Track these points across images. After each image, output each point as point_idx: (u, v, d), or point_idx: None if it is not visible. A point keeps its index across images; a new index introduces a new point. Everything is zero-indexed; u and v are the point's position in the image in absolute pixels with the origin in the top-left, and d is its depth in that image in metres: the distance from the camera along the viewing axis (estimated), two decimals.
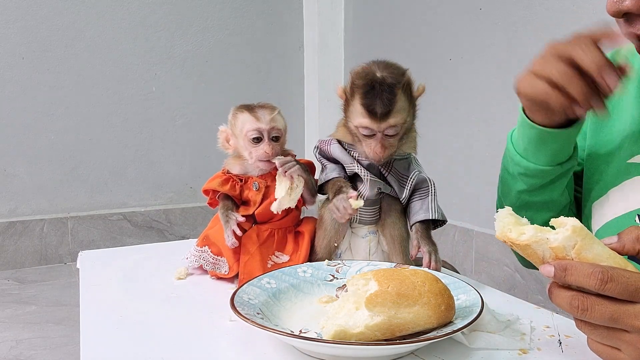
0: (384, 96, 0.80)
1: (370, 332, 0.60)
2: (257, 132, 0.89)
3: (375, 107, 0.81)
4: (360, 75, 0.83)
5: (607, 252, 0.56)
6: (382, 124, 0.82)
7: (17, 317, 2.27)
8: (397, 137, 0.84)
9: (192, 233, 3.13)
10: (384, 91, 0.80)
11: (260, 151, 0.89)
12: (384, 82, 0.81)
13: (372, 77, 0.82)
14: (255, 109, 0.92)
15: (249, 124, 0.90)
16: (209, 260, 0.92)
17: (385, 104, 0.80)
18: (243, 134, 0.90)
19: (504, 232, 0.59)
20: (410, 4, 2.72)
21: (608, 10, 0.66)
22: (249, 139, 0.90)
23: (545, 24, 2.02)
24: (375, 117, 0.81)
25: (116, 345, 0.69)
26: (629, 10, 0.64)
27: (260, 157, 0.90)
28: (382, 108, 0.80)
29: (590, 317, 0.54)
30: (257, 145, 0.90)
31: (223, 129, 0.94)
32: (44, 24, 2.86)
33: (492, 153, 2.29)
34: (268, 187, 0.90)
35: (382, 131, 0.82)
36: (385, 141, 0.83)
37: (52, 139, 2.94)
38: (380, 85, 0.81)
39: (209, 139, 0.97)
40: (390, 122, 0.82)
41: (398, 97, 0.82)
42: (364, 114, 0.82)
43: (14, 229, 2.86)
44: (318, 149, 0.93)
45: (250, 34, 3.26)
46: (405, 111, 0.83)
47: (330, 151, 0.90)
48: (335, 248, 0.92)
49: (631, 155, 0.80)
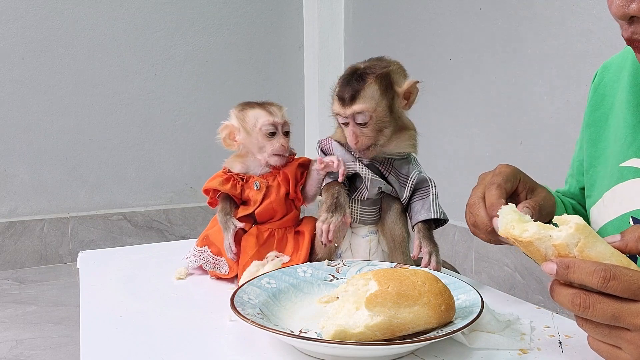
0: (352, 83, 0.84)
1: (370, 332, 0.60)
2: (273, 126, 0.90)
3: (343, 92, 0.84)
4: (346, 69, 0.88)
5: (610, 250, 0.56)
6: (347, 110, 0.84)
7: (17, 317, 2.27)
8: (370, 126, 0.85)
9: (192, 233, 3.13)
10: (354, 79, 0.84)
11: (277, 144, 0.90)
12: (357, 70, 0.85)
13: (352, 68, 0.86)
14: (265, 105, 0.92)
15: (263, 118, 0.90)
16: (209, 260, 0.92)
17: (351, 89, 0.83)
18: (257, 128, 0.90)
19: (506, 229, 0.59)
20: (410, 4, 2.72)
21: (614, 13, 0.66)
22: (265, 133, 0.90)
23: (545, 24, 2.02)
24: (343, 102, 0.84)
25: (116, 345, 0.69)
26: (635, 14, 0.64)
27: (276, 150, 0.90)
28: (348, 93, 0.83)
29: (591, 315, 0.54)
30: (272, 139, 0.90)
31: (227, 123, 0.93)
32: (44, 24, 2.86)
33: (492, 153, 2.30)
34: (269, 187, 0.90)
35: (349, 117, 0.84)
36: (357, 129, 0.85)
37: (52, 139, 2.94)
38: (353, 74, 0.84)
39: (209, 139, 0.97)
40: (355, 108, 0.83)
41: (367, 85, 0.83)
42: (335, 99, 0.86)
43: (14, 229, 2.86)
44: (319, 146, 0.94)
45: (250, 34, 3.26)
46: (374, 100, 0.84)
47: (332, 149, 0.91)
48: (336, 248, 0.92)
49: (624, 158, 0.81)
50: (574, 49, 1.90)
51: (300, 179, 0.93)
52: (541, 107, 2.04)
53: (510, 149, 2.18)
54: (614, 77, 0.87)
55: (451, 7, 2.47)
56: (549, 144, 2.01)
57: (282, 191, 0.90)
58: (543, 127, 2.04)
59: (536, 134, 2.07)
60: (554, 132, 1.98)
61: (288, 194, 0.92)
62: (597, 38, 1.82)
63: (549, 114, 2.01)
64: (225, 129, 0.93)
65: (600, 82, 0.90)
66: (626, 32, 0.67)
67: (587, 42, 1.86)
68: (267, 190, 0.90)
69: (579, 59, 1.89)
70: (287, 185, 0.91)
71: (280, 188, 0.90)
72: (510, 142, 2.19)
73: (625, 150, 0.81)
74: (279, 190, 0.90)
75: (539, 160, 2.05)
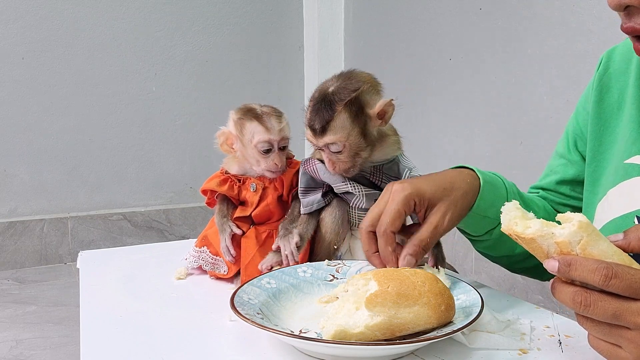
0: (321, 113, 0.81)
1: (370, 332, 0.60)
2: (268, 143, 0.88)
3: (313, 123, 0.82)
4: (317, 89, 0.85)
5: (612, 249, 0.56)
6: (319, 141, 0.82)
7: (17, 317, 2.27)
8: (345, 153, 0.82)
9: (192, 233, 3.13)
10: (323, 108, 0.81)
11: (270, 162, 0.88)
12: (325, 98, 0.81)
13: (322, 91, 0.83)
14: (263, 118, 0.89)
15: (259, 135, 0.88)
16: (208, 260, 0.92)
17: (320, 120, 0.81)
18: (252, 145, 0.88)
19: (509, 226, 0.59)
20: (410, 4, 2.72)
21: (609, 4, 0.66)
22: (259, 150, 0.88)
23: (545, 24, 2.02)
24: (315, 132, 0.82)
25: (116, 345, 0.69)
26: (630, 4, 0.64)
27: (269, 168, 0.89)
28: (318, 124, 0.81)
29: (592, 313, 0.54)
30: (266, 156, 0.89)
31: (224, 130, 0.92)
32: (44, 24, 2.86)
33: (492, 153, 2.30)
34: (265, 189, 0.90)
35: (322, 147, 0.83)
36: (333, 156, 0.83)
37: (52, 139, 2.94)
38: (321, 102, 0.82)
39: (209, 139, 0.96)
40: (326, 139, 0.81)
41: (337, 115, 0.81)
42: (307, 128, 0.84)
43: (14, 229, 2.86)
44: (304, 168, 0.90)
45: (250, 34, 3.26)
46: (345, 129, 0.81)
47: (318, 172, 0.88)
48: (335, 250, 0.92)
49: (629, 155, 0.80)
50: (574, 49, 1.90)
51: (296, 184, 0.91)
52: (541, 107, 2.04)
53: (510, 149, 2.18)
54: (621, 68, 0.85)
55: (451, 7, 2.47)
56: (549, 144, 2.01)
57: (277, 194, 0.90)
58: (543, 127, 2.04)
59: (536, 134, 2.07)
60: (554, 132, 1.98)
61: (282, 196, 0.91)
62: (597, 38, 1.82)
63: (549, 114, 2.01)
64: (223, 135, 0.92)
65: (605, 72, 0.87)
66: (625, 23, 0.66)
67: (587, 42, 1.85)
68: (264, 192, 0.90)
69: (579, 59, 1.89)
70: (282, 189, 0.91)
71: (276, 191, 0.90)
72: (510, 142, 2.19)
73: (630, 146, 0.80)
74: (275, 193, 0.90)
75: (539, 160, 2.05)
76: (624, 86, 0.84)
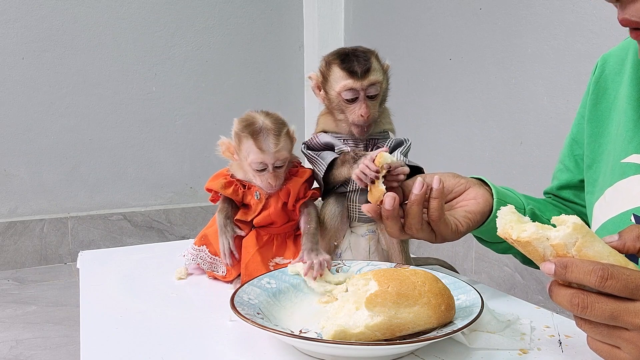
0: (360, 59, 0.88)
1: (370, 332, 0.60)
2: (262, 164, 0.87)
3: (354, 66, 0.87)
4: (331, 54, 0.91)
5: (607, 250, 0.56)
6: (364, 81, 0.87)
7: (17, 317, 2.27)
8: (377, 100, 0.89)
9: (192, 233, 3.13)
10: (359, 55, 0.89)
11: (265, 182, 0.87)
12: (355, 51, 0.89)
13: (344, 48, 0.91)
14: (260, 137, 0.86)
15: (253, 155, 0.86)
16: (207, 259, 0.92)
17: (362, 63, 0.88)
18: (247, 162, 0.87)
19: (505, 229, 0.59)
20: (410, 4, 2.72)
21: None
22: (254, 169, 0.87)
23: (545, 23, 2.02)
24: (357, 75, 0.87)
25: (116, 345, 0.69)
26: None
27: (264, 186, 0.88)
28: (361, 66, 0.87)
29: (590, 314, 0.54)
30: (261, 175, 0.88)
31: (225, 141, 0.91)
32: (44, 24, 2.86)
33: (492, 153, 2.30)
34: (269, 199, 0.89)
35: (364, 89, 0.87)
36: (368, 101, 0.88)
37: (52, 139, 2.94)
38: (351, 53, 0.89)
39: (209, 139, 0.96)
40: (371, 79, 0.87)
41: (373, 61, 0.89)
42: (345, 75, 0.87)
43: (14, 229, 2.86)
44: (305, 145, 0.94)
45: (250, 34, 3.26)
46: (381, 73, 0.90)
47: (320, 140, 0.92)
48: (336, 247, 0.92)
49: (625, 154, 0.80)
50: (574, 49, 1.90)
51: (303, 195, 0.91)
52: (541, 107, 2.04)
53: (510, 149, 2.18)
54: (615, 70, 0.86)
55: (451, 7, 2.47)
56: (549, 144, 2.01)
57: (281, 202, 0.89)
58: (543, 127, 2.04)
59: (536, 134, 2.07)
60: (554, 132, 1.98)
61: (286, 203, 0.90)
62: (597, 38, 1.82)
63: (549, 114, 2.01)
64: (223, 145, 0.91)
65: (601, 75, 0.88)
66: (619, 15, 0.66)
67: (587, 42, 1.85)
68: (267, 202, 0.89)
69: (579, 59, 1.89)
70: (287, 199, 0.89)
71: (280, 200, 0.89)
72: (510, 142, 2.19)
73: (627, 146, 0.80)
74: (279, 203, 0.89)
75: (539, 160, 2.05)
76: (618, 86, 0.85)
